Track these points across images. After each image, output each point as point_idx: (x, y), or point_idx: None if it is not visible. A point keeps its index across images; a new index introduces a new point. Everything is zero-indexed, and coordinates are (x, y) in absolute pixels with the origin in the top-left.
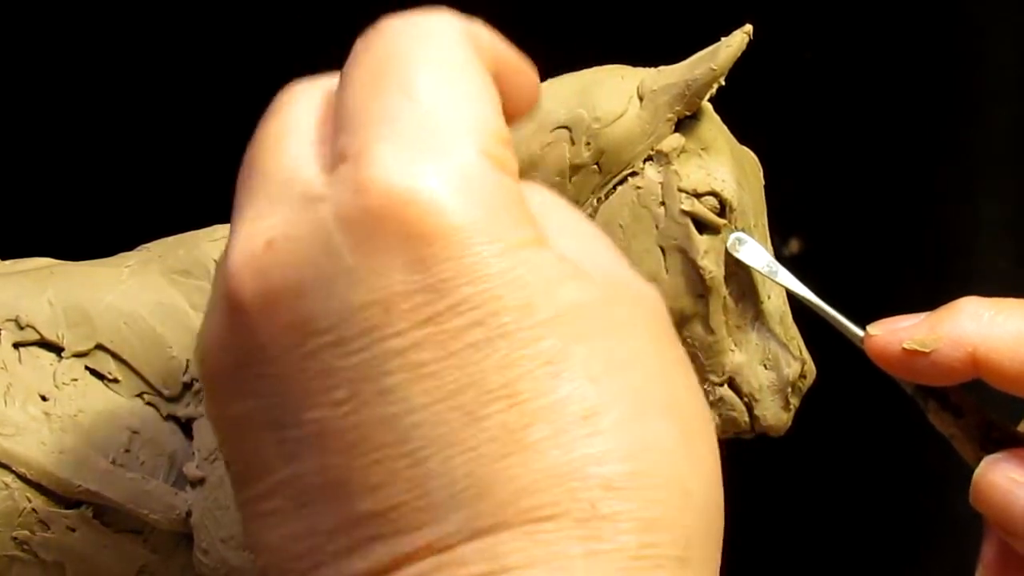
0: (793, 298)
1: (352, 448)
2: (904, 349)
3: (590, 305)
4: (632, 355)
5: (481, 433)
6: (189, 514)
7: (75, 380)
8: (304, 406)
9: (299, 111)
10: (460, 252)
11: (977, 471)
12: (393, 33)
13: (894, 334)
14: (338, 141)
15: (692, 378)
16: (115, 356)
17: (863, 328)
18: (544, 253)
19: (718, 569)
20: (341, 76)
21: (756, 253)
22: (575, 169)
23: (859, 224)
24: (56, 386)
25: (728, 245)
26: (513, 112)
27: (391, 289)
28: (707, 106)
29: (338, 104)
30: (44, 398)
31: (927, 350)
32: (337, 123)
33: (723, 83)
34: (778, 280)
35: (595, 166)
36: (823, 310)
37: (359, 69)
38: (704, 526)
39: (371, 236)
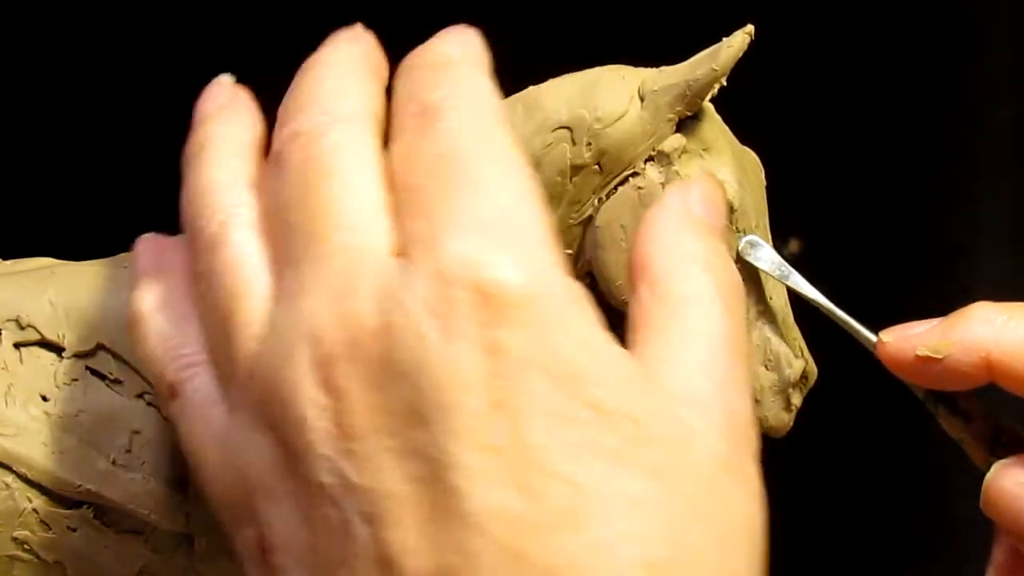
0: (795, 299)
1: (421, 518)
2: (917, 356)
3: (665, 417)
4: (687, 466)
5: (536, 508)
6: (190, 515)
7: (76, 380)
8: (382, 479)
9: (353, 173)
10: (537, 339)
11: (987, 477)
12: (447, 117)
13: (907, 340)
14: (407, 225)
15: (745, 487)
16: (116, 356)
17: (875, 333)
18: (612, 348)
19: None
20: (396, 149)
21: (768, 257)
22: (576, 169)
23: (859, 224)
24: (57, 386)
25: (740, 249)
26: None
27: (469, 371)
28: (708, 106)
29: (402, 183)
30: (45, 398)
31: (940, 356)
32: (402, 203)
33: (724, 83)
34: (790, 284)
35: (596, 166)
36: (836, 315)
37: (421, 154)
38: None
39: (453, 322)
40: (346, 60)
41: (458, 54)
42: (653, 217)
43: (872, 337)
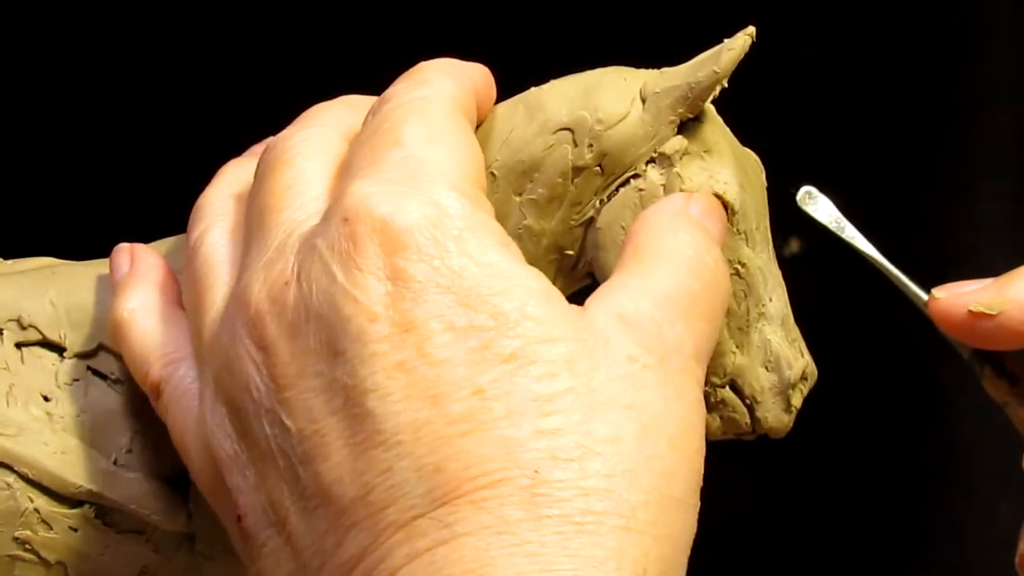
0: (795, 300)
1: (344, 447)
2: (970, 312)
3: (564, 318)
4: (596, 359)
5: (446, 417)
6: (191, 515)
7: (77, 380)
8: (311, 419)
9: (307, 162)
10: (433, 264)
11: None
12: (395, 99)
13: (959, 297)
14: (337, 189)
15: (674, 389)
16: (117, 356)
17: (927, 291)
18: (516, 266)
19: (679, 549)
20: (352, 139)
21: (825, 209)
22: (577, 171)
23: (859, 224)
24: (58, 386)
25: (798, 198)
26: (480, 116)
27: (374, 300)
28: (710, 108)
29: (345, 162)
30: (46, 398)
31: (993, 312)
32: (340, 175)
33: (725, 85)
34: (845, 237)
35: (597, 168)
36: (889, 271)
37: (365, 131)
38: (657, 509)
39: (356, 257)
40: (345, 98)
41: (432, 63)
42: (653, 208)
43: (923, 295)
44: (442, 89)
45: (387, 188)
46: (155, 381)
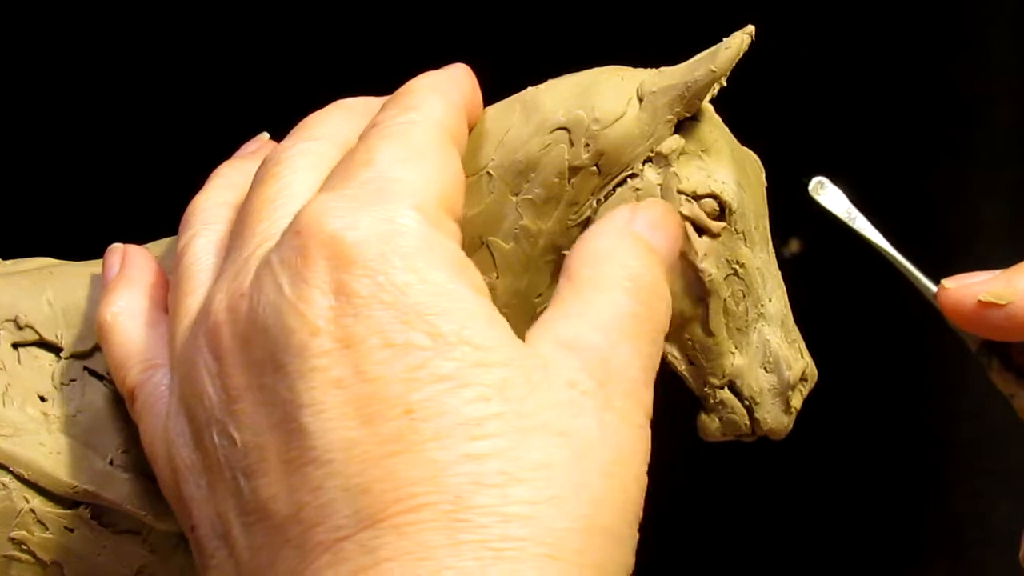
0: (795, 300)
1: (280, 463)
2: (979, 301)
3: (504, 344)
4: (532, 385)
5: (377, 437)
6: None
7: (74, 380)
8: (255, 432)
9: (295, 175)
10: (378, 280)
11: None
12: (382, 124)
13: (969, 287)
14: None
15: (613, 415)
16: None
17: (936, 283)
18: (461, 288)
19: None
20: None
21: (837, 198)
22: (574, 170)
23: (849, 230)
24: (55, 386)
25: (810, 188)
26: (471, 122)
27: (318, 314)
28: (708, 107)
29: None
30: (43, 398)
31: (1003, 302)
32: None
33: (724, 84)
34: (856, 227)
35: (594, 167)
36: (898, 261)
37: (347, 153)
38: (584, 538)
39: (304, 270)
40: (344, 103)
41: (422, 83)
42: (592, 229)
43: (932, 287)
44: (430, 114)
45: (344, 204)
46: (131, 386)
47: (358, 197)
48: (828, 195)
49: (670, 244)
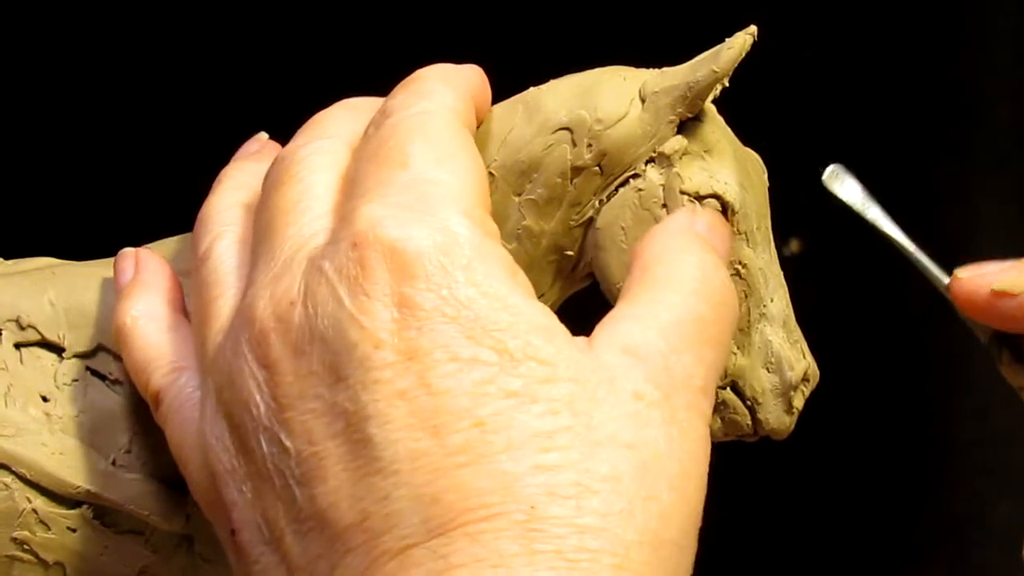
0: (796, 300)
1: (343, 472)
2: (993, 291)
3: (568, 357)
4: (598, 397)
5: (445, 448)
6: (190, 516)
7: (76, 381)
8: (310, 441)
9: (313, 176)
10: (441, 294)
11: None
12: (397, 114)
13: (982, 277)
14: (343, 206)
15: (678, 427)
16: (116, 357)
17: (949, 273)
18: (521, 300)
19: None
20: (357, 149)
21: (852, 188)
22: (577, 171)
23: (859, 224)
24: (57, 387)
25: (825, 177)
26: (478, 118)
27: (380, 326)
28: (710, 108)
29: (348, 175)
30: (45, 399)
31: (1017, 292)
32: (346, 192)
33: (726, 84)
34: (869, 217)
35: (597, 168)
36: (911, 252)
37: (369, 145)
38: (651, 551)
39: (364, 283)
40: (349, 102)
41: (430, 72)
42: (659, 226)
43: (944, 279)
44: (443, 101)
45: (396, 213)
46: (156, 390)
47: (406, 205)
48: (843, 185)
49: (726, 248)
